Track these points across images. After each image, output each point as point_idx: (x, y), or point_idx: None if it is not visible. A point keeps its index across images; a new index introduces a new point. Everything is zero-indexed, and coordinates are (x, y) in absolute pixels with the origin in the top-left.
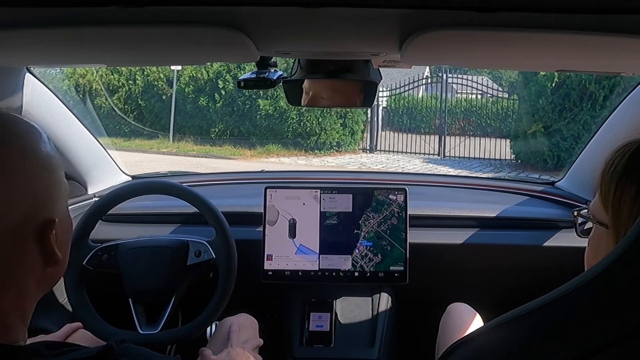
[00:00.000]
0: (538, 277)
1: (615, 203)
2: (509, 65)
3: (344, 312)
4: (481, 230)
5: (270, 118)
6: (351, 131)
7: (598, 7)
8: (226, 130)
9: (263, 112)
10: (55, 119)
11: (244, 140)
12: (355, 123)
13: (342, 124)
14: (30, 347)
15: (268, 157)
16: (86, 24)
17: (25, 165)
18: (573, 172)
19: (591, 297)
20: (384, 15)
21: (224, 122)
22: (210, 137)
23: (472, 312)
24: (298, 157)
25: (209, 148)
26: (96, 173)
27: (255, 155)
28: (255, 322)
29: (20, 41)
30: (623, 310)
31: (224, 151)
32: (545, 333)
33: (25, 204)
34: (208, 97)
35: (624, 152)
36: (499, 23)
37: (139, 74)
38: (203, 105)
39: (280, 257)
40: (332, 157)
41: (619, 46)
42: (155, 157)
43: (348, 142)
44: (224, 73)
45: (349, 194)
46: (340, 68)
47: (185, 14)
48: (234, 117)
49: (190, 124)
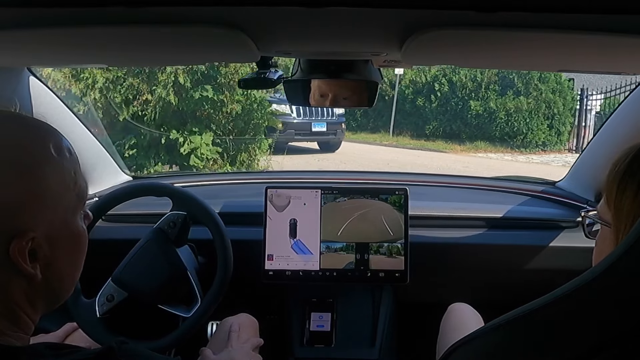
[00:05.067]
0: (539, 278)
1: (617, 202)
2: (510, 65)
3: (344, 312)
4: (482, 230)
5: (480, 117)
6: (557, 132)
7: (598, 7)
8: (439, 128)
9: (474, 112)
10: (55, 119)
11: (455, 137)
12: (562, 124)
13: (549, 125)
14: (30, 348)
15: (476, 153)
16: (86, 24)
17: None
18: (574, 171)
19: (592, 297)
20: (385, 15)
21: (438, 120)
22: (425, 133)
23: (473, 313)
24: (504, 153)
25: (424, 142)
26: (97, 173)
27: (465, 150)
28: (255, 322)
29: (20, 41)
30: (624, 310)
31: (437, 145)
32: (546, 332)
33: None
34: (425, 98)
35: (629, 152)
36: (499, 23)
37: None
38: (420, 105)
39: (280, 257)
40: (536, 156)
41: (619, 46)
42: (377, 148)
43: (554, 142)
44: (440, 77)
45: (350, 194)
46: (341, 68)
47: (186, 14)
48: (447, 116)
49: (408, 121)
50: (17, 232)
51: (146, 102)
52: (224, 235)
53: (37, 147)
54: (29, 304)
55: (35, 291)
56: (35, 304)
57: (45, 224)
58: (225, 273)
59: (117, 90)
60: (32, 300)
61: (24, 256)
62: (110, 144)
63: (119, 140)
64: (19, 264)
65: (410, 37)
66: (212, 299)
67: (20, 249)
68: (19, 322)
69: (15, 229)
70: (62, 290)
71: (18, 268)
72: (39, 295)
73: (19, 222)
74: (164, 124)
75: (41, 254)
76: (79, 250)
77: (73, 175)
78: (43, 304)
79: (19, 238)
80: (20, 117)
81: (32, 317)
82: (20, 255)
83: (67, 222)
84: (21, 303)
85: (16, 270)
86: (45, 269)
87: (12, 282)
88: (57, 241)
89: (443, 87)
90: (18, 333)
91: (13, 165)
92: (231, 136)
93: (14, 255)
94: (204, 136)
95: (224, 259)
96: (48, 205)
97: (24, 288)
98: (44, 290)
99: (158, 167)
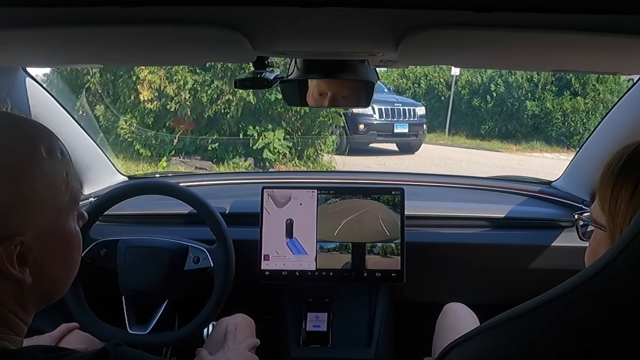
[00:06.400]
0: (535, 277)
1: (612, 206)
2: (506, 65)
3: (341, 312)
4: (478, 230)
5: (536, 117)
6: None
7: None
8: (495, 128)
9: (530, 112)
10: (50, 119)
11: (511, 137)
12: None
13: None
14: (24, 351)
15: (532, 152)
16: (84, 24)
17: None
18: (570, 171)
19: (588, 297)
20: (381, 15)
21: (494, 120)
22: (480, 132)
23: (468, 312)
24: (560, 153)
25: (479, 142)
26: (92, 174)
27: (520, 150)
28: (252, 322)
29: (17, 41)
30: (619, 310)
31: (492, 145)
32: (542, 333)
33: None
34: (481, 98)
35: (622, 155)
36: (495, 23)
37: (423, 79)
38: (476, 105)
39: (277, 257)
40: None
41: (616, 46)
42: (433, 147)
43: None
44: (496, 77)
45: (346, 194)
46: (338, 68)
47: (182, 13)
48: (503, 116)
49: (464, 121)
50: (4, 236)
51: (228, 101)
52: (227, 245)
53: (27, 148)
54: (19, 307)
55: (26, 294)
56: (27, 306)
57: (35, 227)
58: (225, 282)
59: (204, 90)
60: (23, 303)
61: (12, 261)
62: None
63: (203, 135)
64: (6, 268)
65: (406, 37)
66: (213, 305)
67: (8, 253)
68: (11, 325)
69: (1, 233)
70: (54, 292)
71: (5, 273)
72: (30, 298)
73: (6, 226)
74: (242, 121)
75: (31, 257)
76: (72, 252)
77: (65, 177)
78: (35, 306)
79: (6, 242)
80: (11, 118)
81: (24, 319)
82: (7, 259)
83: (58, 225)
84: (11, 306)
85: (4, 275)
86: (35, 272)
87: (1, 286)
88: (48, 244)
89: (499, 87)
90: (10, 335)
91: (0, 169)
92: (299, 133)
93: (0, 260)
94: (276, 132)
95: (226, 266)
96: (37, 208)
97: (14, 291)
98: (35, 292)
99: (236, 160)
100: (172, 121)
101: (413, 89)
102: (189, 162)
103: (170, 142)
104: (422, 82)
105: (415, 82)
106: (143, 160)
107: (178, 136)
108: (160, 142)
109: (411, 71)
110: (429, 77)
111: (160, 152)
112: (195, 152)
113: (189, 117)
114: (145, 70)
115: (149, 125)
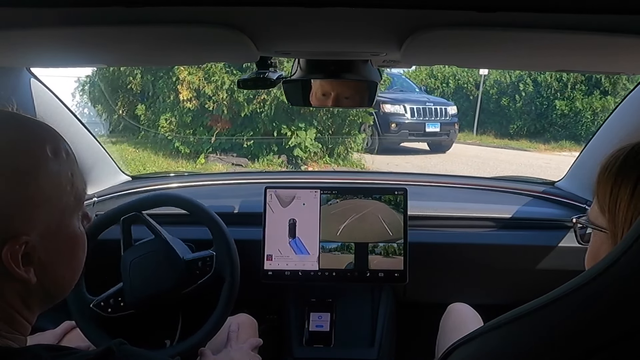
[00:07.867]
0: (538, 278)
1: (611, 207)
2: (509, 65)
3: (344, 312)
4: (482, 230)
5: (565, 117)
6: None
7: (597, 7)
8: (523, 127)
9: (559, 111)
10: (54, 119)
11: (539, 136)
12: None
13: None
14: (28, 350)
15: (561, 152)
16: (86, 24)
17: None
18: (573, 171)
19: (590, 298)
20: (384, 15)
21: (522, 119)
22: (509, 132)
23: (472, 312)
24: None
25: (507, 141)
26: (96, 173)
27: (549, 149)
28: (254, 322)
29: (21, 41)
30: (621, 311)
31: (521, 144)
32: (544, 333)
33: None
34: (509, 97)
35: (618, 156)
36: (498, 23)
37: (451, 78)
38: (504, 104)
39: (280, 257)
40: None
41: (618, 46)
42: (462, 146)
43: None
44: (525, 77)
45: (349, 194)
46: (341, 68)
47: (185, 14)
48: (532, 115)
49: (492, 120)
50: (10, 236)
51: (263, 100)
52: (232, 253)
53: (33, 149)
54: (24, 306)
55: (31, 294)
56: (31, 306)
57: (40, 227)
58: (231, 290)
59: (241, 90)
60: (28, 303)
61: (17, 260)
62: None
63: (238, 132)
64: (11, 268)
65: (409, 37)
66: (220, 311)
67: (12, 253)
68: (15, 324)
69: (7, 233)
70: (58, 292)
71: (10, 272)
72: (35, 298)
73: (11, 226)
74: (276, 120)
75: (36, 257)
76: (76, 252)
77: (70, 177)
78: (39, 305)
79: (11, 242)
80: (17, 118)
81: (28, 318)
82: (12, 259)
83: (63, 225)
84: (16, 306)
85: (10, 274)
86: (40, 272)
87: (7, 286)
88: (53, 244)
89: (528, 87)
90: (15, 334)
91: (6, 168)
92: (330, 131)
93: (6, 260)
94: (308, 132)
95: (231, 270)
96: (43, 208)
97: (19, 291)
98: (40, 292)
99: (270, 157)
100: (210, 120)
101: (441, 88)
102: (226, 158)
103: (208, 141)
104: (450, 81)
105: (443, 82)
106: (182, 157)
107: (215, 134)
108: (198, 139)
109: (439, 71)
110: (458, 77)
111: (198, 149)
112: (231, 149)
113: (226, 115)
114: (184, 72)
115: (188, 124)
